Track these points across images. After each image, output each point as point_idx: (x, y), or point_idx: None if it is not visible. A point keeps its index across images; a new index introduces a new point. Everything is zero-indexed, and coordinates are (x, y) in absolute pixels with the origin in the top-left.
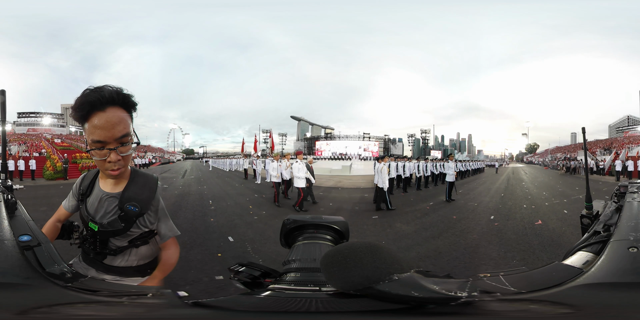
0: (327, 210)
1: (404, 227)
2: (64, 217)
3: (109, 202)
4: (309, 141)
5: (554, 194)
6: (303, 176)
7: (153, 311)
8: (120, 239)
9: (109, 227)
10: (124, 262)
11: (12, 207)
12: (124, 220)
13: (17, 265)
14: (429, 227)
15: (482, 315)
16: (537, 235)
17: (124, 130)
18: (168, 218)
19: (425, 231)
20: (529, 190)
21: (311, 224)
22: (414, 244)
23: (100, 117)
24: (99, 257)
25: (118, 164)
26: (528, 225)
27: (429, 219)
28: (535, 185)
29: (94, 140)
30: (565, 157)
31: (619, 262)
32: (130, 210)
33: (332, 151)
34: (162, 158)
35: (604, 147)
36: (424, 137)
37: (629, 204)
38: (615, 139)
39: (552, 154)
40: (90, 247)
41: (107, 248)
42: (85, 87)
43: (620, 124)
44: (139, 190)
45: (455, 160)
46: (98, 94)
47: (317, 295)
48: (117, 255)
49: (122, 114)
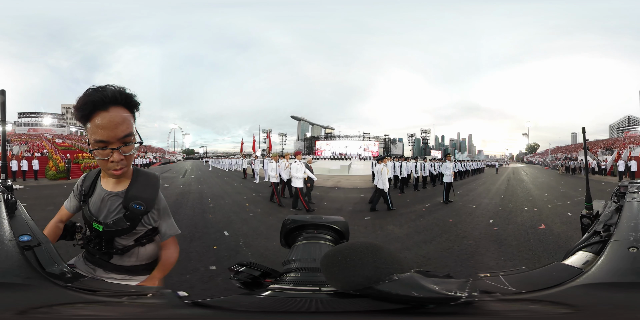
0: (321, 210)
1: (396, 230)
2: (65, 217)
3: (112, 201)
4: (308, 141)
5: (556, 196)
6: (301, 176)
7: (153, 311)
8: (126, 238)
9: (114, 227)
10: (133, 261)
11: (12, 207)
12: (130, 219)
13: (17, 265)
14: (422, 230)
15: (482, 315)
16: (541, 241)
17: (126, 130)
18: (170, 216)
19: (418, 235)
20: (530, 192)
21: (311, 224)
22: (403, 248)
23: (103, 116)
24: (105, 257)
25: (121, 164)
26: (530, 230)
27: (423, 221)
28: (537, 186)
29: (97, 140)
30: (566, 157)
31: (619, 262)
32: (136, 208)
33: (332, 151)
34: (162, 158)
35: (605, 147)
36: (423, 137)
37: (629, 204)
38: (616, 139)
39: (552, 154)
40: (95, 247)
41: (113, 248)
42: (87, 88)
43: (620, 124)
44: (142, 189)
45: (455, 160)
46: (101, 94)
47: (317, 295)
48: (124, 255)
49: (124, 113)
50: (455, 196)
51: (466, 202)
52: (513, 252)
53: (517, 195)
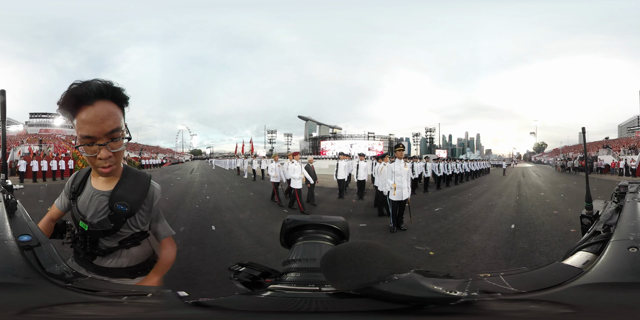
0: (314, 211)
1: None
2: (56, 215)
3: (100, 201)
4: (313, 141)
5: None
6: (298, 177)
7: (153, 311)
8: (110, 240)
9: (98, 227)
10: (114, 263)
11: (12, 207)
12: (114, 220)
13: (17, 265)
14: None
15: (482, 315)
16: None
17: (114, 125)
18: (162, 218)
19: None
20: (559, 212)
21: (311, 224)
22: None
23: (88, 111)
24: (88, 257)
25: (109, 161)
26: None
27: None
28: (563, 198)
29: (83, 136)
30: (578, 156)
31: (619, 262)
32: (120, 209)
33: (336, 151)
34: (171, 159)
35: (630, 146)
36: (428, 136)
37: (629, 204)
38: (630, 138)
39: (563, 153)
40: (80, 246)
41: (97, 248)
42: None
43: (630, 124)
44: (130, 189)
45: (464, 159)
46: (85, 88)
47: (317, 295)
48: (106, 256)
49: (111, 108)
50: (412, 221)
51: (430, 238)
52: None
53: (540, 221)
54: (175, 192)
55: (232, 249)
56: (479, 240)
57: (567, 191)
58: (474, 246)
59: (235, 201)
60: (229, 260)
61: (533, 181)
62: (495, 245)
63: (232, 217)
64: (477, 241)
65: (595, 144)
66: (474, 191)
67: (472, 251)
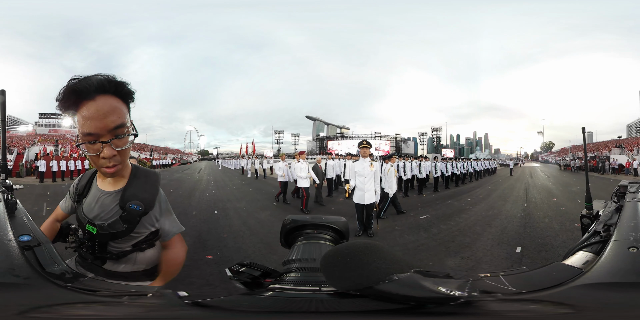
0: (318, 211)
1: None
2: (61, 218)
3: (108, 202)
4: (321, 141)
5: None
6: (305, 176)
7: (153, 311)
8: (122, 242)
9: (109, 229)
10: (130, 267)
11: (12, 207)
12: (126, 221)
13: (17, 265)
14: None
15: (482, 315)
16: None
17: (117, 121)
18: (171, 213)
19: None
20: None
21: (311, 223)
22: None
23: (89, 106)
24: (97, 262)
25: (114, 160)
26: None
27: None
28: (581, 205)
29: (85, 133)
30: (592, 156)
31: (619, 262)
32: (134, 209)
33: (343, 150)
34: (180, 159)
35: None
36: (434, 135)
37: (629, 204)
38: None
39: (572, 152)
40: (87, 251)
41: (107, 252)
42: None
43: (639, 124)
44: (142, 187)
45: (473, 158)
46: (85, 82)
47: (317, 295)
48: (119, 260)
49: (115, 102)
50: (378, 227)
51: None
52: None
53: (558, 240)
54: (187, 187)
55: (224, 226)
56: (457, 267)
57: (584, 195)
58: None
59: (235, 195)
60: (223, 232)
61: (542, 183)
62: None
63: (231, 205)
64: (452, 268)
65: (606, 144)
66: (474, 195)
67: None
